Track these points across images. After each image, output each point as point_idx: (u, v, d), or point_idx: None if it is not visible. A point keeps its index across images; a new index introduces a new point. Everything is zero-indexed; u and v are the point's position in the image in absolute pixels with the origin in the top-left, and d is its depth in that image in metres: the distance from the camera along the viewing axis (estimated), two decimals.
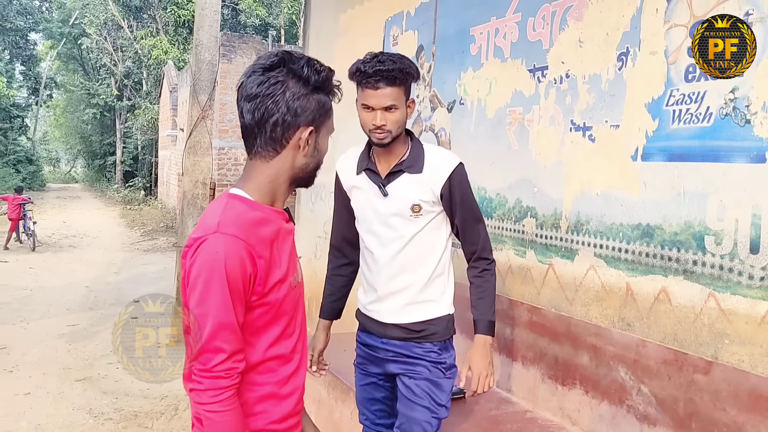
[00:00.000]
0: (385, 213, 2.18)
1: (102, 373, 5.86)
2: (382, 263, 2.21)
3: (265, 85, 1.36)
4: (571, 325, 2.81)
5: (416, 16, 4.12)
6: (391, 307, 2.23)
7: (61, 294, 9.17)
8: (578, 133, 2.81)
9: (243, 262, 1.30)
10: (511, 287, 3.22)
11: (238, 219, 1.34)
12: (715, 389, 2.19)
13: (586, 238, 2.77)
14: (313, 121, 1.41)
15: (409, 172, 2.17)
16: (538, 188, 3.05)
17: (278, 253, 1.39)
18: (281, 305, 1.40)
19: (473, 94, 3.54)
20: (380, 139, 2.11)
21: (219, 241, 1.29)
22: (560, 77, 2.92)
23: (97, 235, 15.76)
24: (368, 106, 2.08)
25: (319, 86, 1.41)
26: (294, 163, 1.43)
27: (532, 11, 3.10)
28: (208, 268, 1.28)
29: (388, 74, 2.03)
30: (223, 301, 1.28)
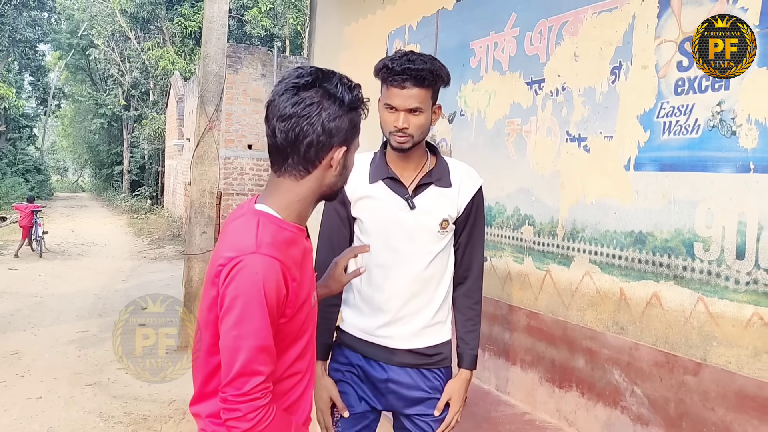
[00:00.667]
0: (412, 227, 2.01)
1: (112, 378, 5.97)
2: (402, 282, 2.02)
3: (300, 105, 1.34)
4: (568, 329, 2.90)
5: (418, 29, 4.24)
6: (405, 331, 2.03)
7: (71, 301, 9.30)
8: (574, 143, 2.92)
9: (279, 284, 1.29)
10: (510, 293, 3.31)
11: (273, 239, 1.32)
12: (704, 390, 2.28)
13: (581, 245, 2.86)
14: (345, 140, 1.41)
15: (437, 185, 2.02)
16: (535, 197, 3.15)
17: (304, 273, 1.40)
18: (302, 325, 1.41)
19: (473, 105, 3.65)
20: (400, 143, 1.94)
21: (257, 262, 1.27)
22: (556, 90, 3.03)
23: (105, 244, 15.92)
24: (392, 106, 1.92)
25: (352, 106, 1.41)
26: (323, 182, 1.42)
27: (530, 26, 3.21)
28: (247, 290, 1.26)
29: (417, 74, 1.87)
30: (263, 323, 1.27)
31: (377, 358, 2.06)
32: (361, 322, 2.07)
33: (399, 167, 2.03)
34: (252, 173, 13.89)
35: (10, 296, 9.33)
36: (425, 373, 2.05)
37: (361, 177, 2.03)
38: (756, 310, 2.15)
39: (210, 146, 6.92)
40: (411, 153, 2.00)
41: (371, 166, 2.05)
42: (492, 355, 3.41)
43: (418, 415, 2.06)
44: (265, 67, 13.57)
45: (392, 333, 2.03)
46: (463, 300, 2.15)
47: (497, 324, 3.37)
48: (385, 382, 2.05)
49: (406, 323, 2.03)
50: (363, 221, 2.05)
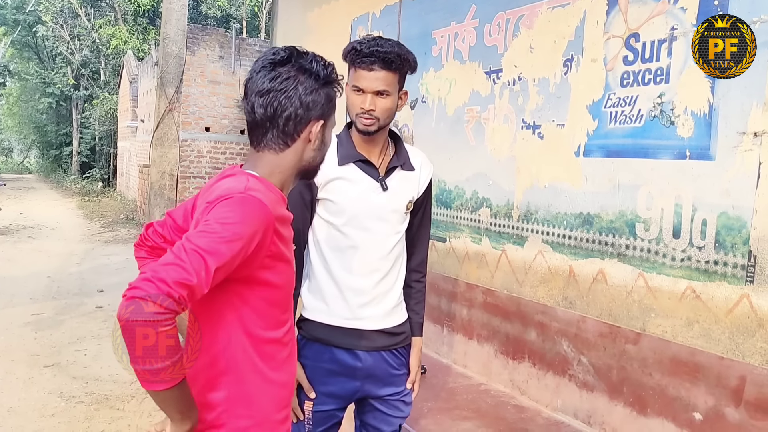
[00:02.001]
0: (383, 208, 2.06)
1: (70, 360, 5.95)
2: (375, 261, 2.06)
3: (278, 80, 1.38)
4: (521, 304, 3.11)
5: (381, 17, 4.36)
6: (379, 310, 2.07)
7: (24, 284, 9.13)
8: (528, 131, 3.10)
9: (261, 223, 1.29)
10: (468, 272, 3.50)
11: (261, 190, 1.35)
12: (643, 357, 2.51)
13: (534, 226, 3.06)
14: (322, 114, 1.45)
15: (403, 168, 2.09)
16: (492, 181, 3.33)
17: (287, 235, 1.44)
18: (282, 289, 1.44)
19: (434, 93, 3.80)
20: (366, 126, 1.96)
21: (246, 198, 1.29)
22: (513, 80, 3.21)
23: (56, 227, 15.56)
24: (359, 88, 1.93)
25: (327, 80, 1.44)
26: (303, 156, 1.47)
27: (489, 18, 3.37)
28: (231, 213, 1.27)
29: (385, 56, 1.89)
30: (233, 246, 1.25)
31: (348, 346, 2.05)
32: (334, 307, 2.06)
33: (365, 150, 2.08)
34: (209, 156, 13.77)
35: None
36: (394, 352, 2.14)
37: (329, 159, 2.04)
38: (689, 284, 2.37)
39: (170, 128, 6.91)
40: (377, 137, 2.05)
41: (338, 148, 2.09)
42: (450, 331, 3.60)
43: (391, 395, 2.13)
44: (223, 48, 13.42)
45: (368, 314, 2.08)
46: (411, 274, 2.25)
47: (456, 301, 3.56)
48: (359, 370, 2.06)
49: (379, 302, 2.09)
50: (335, 202, 2.08)
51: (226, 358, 1.43)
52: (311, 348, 2.09)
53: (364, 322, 2.09)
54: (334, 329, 2.09)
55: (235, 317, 1.44)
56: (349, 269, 2.10)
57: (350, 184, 2.08)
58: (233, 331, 1.43)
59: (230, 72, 13.43)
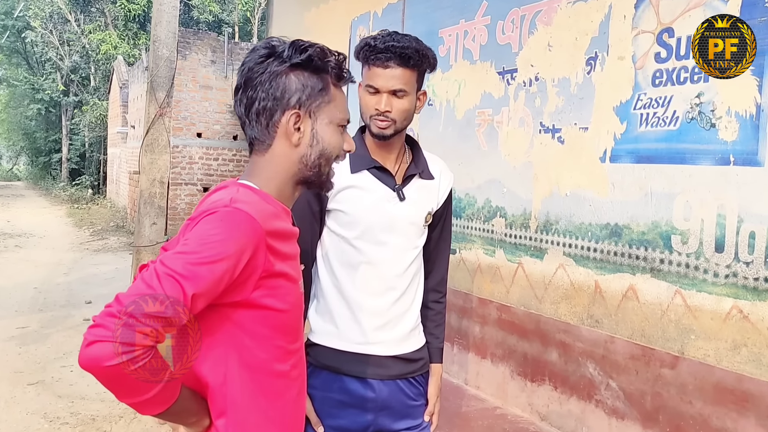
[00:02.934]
0: (400, 220, 1.86)
1: (56, 377, 5.67)
2: (390, 278, 1.86)
3: (246, 73, 1.24)
4: (540, 322, 2.88)
5: (383, 16, 4.14)
6: (396, 334, 1.87)
7: (9, 295, 8.84)
8: (547, 134, 2.88)
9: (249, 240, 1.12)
10: (480, 286, 3.27)
11: (253, 203, 1.17)
12: (682, 383, 2.28)
13: (555, 238, 2.84)
14: (299, 104, 1.24)
15: (421, 177, 1.89)
16: (507, 188, 3.11)
17: (289, 252, 1.25)
18: (289, 314, 1.26)
19: (442, 95, 3.58)
20: (381, 129, 1.77)
21: (231, 212, 1.12)
22: (530, 80, 2.99)
23: (44, 235, 15.26)
24: (373, 87, 1.75)
25: (299, 64, 1.23)
26: (291, 156, 1.27)
27: (502, 15, 3.15)
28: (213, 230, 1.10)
29: (402, 52, 1.72)
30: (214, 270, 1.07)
31: (360, 374, 1.85)
32: (344, 330, 1.85)
33: (380, 156, 1.87)
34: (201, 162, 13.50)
35: None
36: (411, 381, 1.93)
37: (341, 166, 1.83)
38: (735, 303, 2.15)
39: (161, 134, 6.64)
40: (393, 142, 1.85)
41: (351, 155, 1.80)
42: (461, 349, 3.36)
43: (407, 429, 1.92)
44: (215, 53, 13.19)
45: (382, 338, 1.86)
46: (430, 294, 2.04)
47: (466, 317, 3.33)
48: (372, 401, 1.87)
49: (395, 325, 1.88)
50: (347, 213, 1.86)
51: (223, 397, 1.22)
52: (319, 376, 1.87)
53: (378, 347, 1.86)
54: (344, 355, 1.86)
55: (233, 348, 1.21)
56: (361, 288, 1.86)
57: (364, 193, 1.85)
58: (231, 365, 1.21)
59: (222, 77, 13.19)
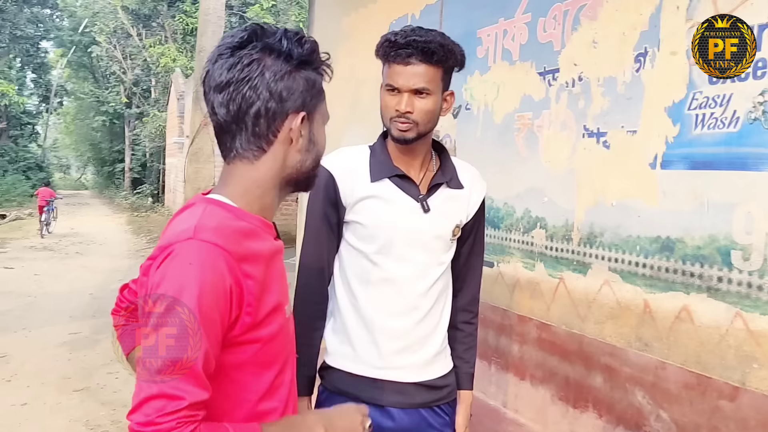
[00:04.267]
0: (425, 234, 1.72)
1: (101, 383, 5.71)
2: (413, 297, 1.72)
3: (237, 67, 1.07)
4: (584, 343, 2.63)
5: (421, 18, 3.97)
6: (419, 359, 1.73)
7: (65, 301, 9.06)
8: (592, 139, 2.65)
9: (224, 280, 0.99)
10: (519, 302, 3.04)
11: (220, 225, 1.04)
12: (743, 417, 2.01)
13: (599, 251, 2.59)
14: (303, 105, 1.12)
15: (449, 186, 1.76)
16: (548, 197, 2.88)
17: (271, 274, 1.11)
18: (276, 342, 1.11)
19: (480, 98, 3.38)
20: (402, 132, 1.65)
21: (193, 249, 0.99)
22: (572, 80, 2.76)
23: (104, 242, 15.71)
24: (394, 86, 1.64)
25: (305, 60, 1.12)
26: (286, 162, 1.14)
27: (543, 11, 2.94)
28: (175, 287, 0.96)
29: (425, 46, 1.60)
30: (193, 333, 0.97)
31: (379, 402, 1.70)
32: (362, 353, 1.72)
33: (404, 163, 1.74)
34: None
35: (3, 296, 9.08)
36: (436, 410, 1.77)
37: (361, 174, 1.72)
38: None
39: (205, 143, 6.67)
40: (417, 147, 1.72)
41: (372, 162, 1.74)
42: (499, 369, 3.14)
43: None
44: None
45: (404, 362, 1.72)
46: (461, 314, 1.90)
47: (505, 335, 3.11)
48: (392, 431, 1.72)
49: (418, 349, 1.74)
50: (366, 226, 1.71)
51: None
52: (333, 402, 1.67)
53: (399, 372, 1.72)
54: (361, 380, 1.72)
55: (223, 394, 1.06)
56: (380, 307, 1.72)
57: (384, 203, 1.71)
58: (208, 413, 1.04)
59: None
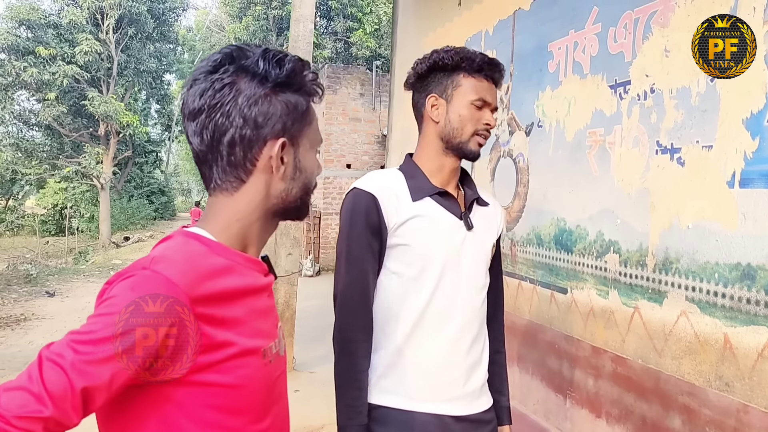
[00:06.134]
0: (471, 252, 1.65)
1: None
2: (462, 324, 1.63)
3: (209, 93, 1.01)
4: (661, 380, 2.39)
5: (494, 34, 3.85)
6: (469, 389, 1.64)
7: None
8: (665, 155, 2.42)
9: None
10: (593, 332, 2.83)
11: (186, 260, 0.97)
12: None
13: (676, 279, 2.36)
14: (284, 130, 1.05)
15: (478, 203, 1.72)
16: (621, 219, 2.66)
17: (246, 314, 1.03)
18: (248, 386, 1.02)
19: (551, 115, 3.21)
20: (482, 146, 1.68)
21: (140, 280, 0.91)
22: (644, 92, 2.55)
23: None
24: (484, 101, 1.64)
25: (283, 83, 1.04)
26: (270, 192, 1.07)
27: (614, 20, 2.75)
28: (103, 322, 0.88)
29: (501, 74, 1.69)
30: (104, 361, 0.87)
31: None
32: (409, 386, 1.60)
33: (439, 182, 1.67)
34: None
35: None
36: None
37: (402, 196, 1.64)
38: None
39: None
40: (457, 164, 1.70)
41: (409, 182, 1.66)
42: (574, 404, 2.93)
43: None
44: (363, 86, 13.50)
45: (452, 395, 1.61)
46: (492, 344, 1.78)
47: (579, 368, 2.90)
48: None
49: (467, 380, 1.64)
50: (413, 247, 1.60)
51: None
52: None
53: (458, 405, 1.62)
54: (417, 417, 1.59)
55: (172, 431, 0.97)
56: (429, 335, 1.62)
57: (429, 222, 1.62)
58: None
59: (370, 108, 13.46)
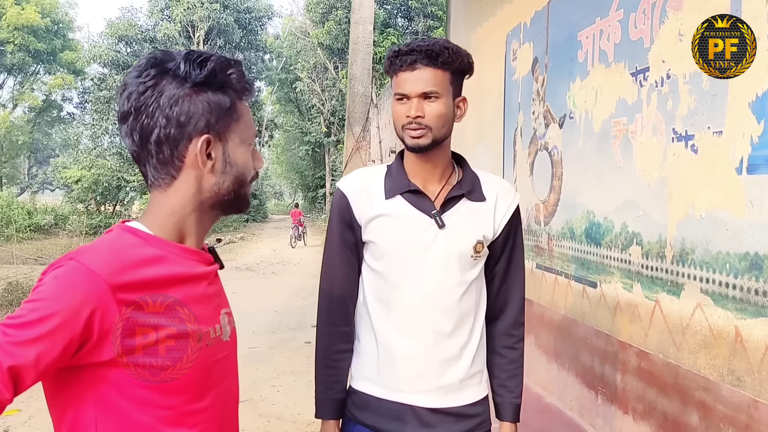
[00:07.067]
0: (440, 251, 1.66)
1: (263, 396, 6.15)
2: (430, 319, 1.67)
3: (134, 96, 1.07)
4: (679, 375, 2.32)
5: (531, 26, 3.81)
6: (440, 384, 1.68)
7: (253, 317, 9.88)
8: (680, 143, 2.34)
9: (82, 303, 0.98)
10: (620, 326, 2.76)
11: (110, 251, 1.04)
12: None
13: (691, 270, 2.27)
14: (208, 127, 1.10)
15: (469, 198, 1.68)
16: (642, 210, 2.59)
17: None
18: (178, 369, 1.08)
19: (581, 105, 3.15)
20: (416, 139, 1.59)
21: (66, 269, 0.99)
22: (661, 79, 2.47)
23: (299, 263, 16.89)
24: (402, 94, 1.59)
25: (203, 82, 1.09)
26: (202, 186, 1.13)
27: (634, 6, 2.67)
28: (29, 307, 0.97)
29: (429, 50, 1.56)
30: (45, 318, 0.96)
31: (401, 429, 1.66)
32: (383, 377, 1.68)
33: (420, 178, 1.69)
34: None
35: None
36: None
37: (376, 193, 1.70)
38: None
39: (357, 167, 6.94)
40: (434, 158, 1.66)
41: (386, 180, 1.71)
42: (605, 401, 2.87)
43: None
44: None
45: (425, 387, 1.67)
46: (502, 339, 1.78)
47: (609, 363, 2.83)
48: None
49: (441, 374, 1.67)
50: (378, 245, 1.69)
51: None
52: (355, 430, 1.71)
53: (420, 397, 1.66)
54: (383, 404, 1.68)
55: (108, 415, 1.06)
56: (397, 329, 1.68)
57: (395, 221, 1.67)
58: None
59: None
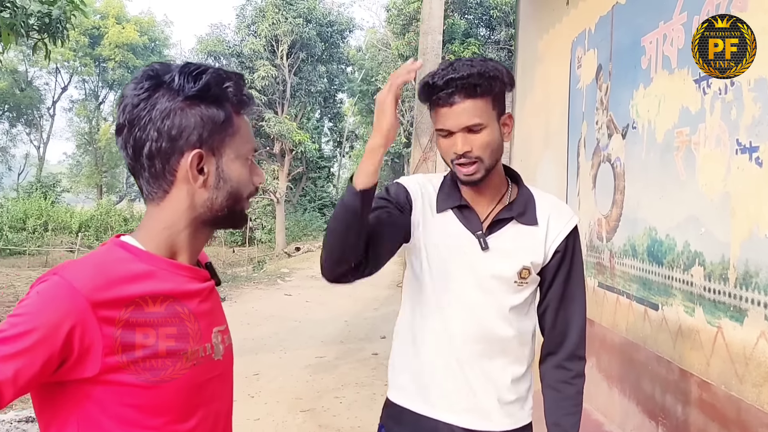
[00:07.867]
0: (481, 273, 1.61)
1: (326, 406, 6.17)
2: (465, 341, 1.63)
3: (128, 109, 1.08)
4: (741, 409, 2.11)
5: (596, 32, 3.63)
6: (473, 405, 1.63)
7: (323, 326, 9.99)
8: (744, 155, 2.14)
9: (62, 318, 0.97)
10: (681, 353, 2.55)
11: (98, 266, 1.04)
12: None
13: (755, 295, 2.07)
14: (200, 141, 1.10)
15: (519, 221, 1.63)
16: (705, 228, 2.39)
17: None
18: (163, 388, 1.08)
19: (644, 115, 2.96)
20: (469, 175, 1.57)
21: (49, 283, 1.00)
22: (725, 86, 2.27)
23: None
24: (445, 129, 1.56)
25: (197, 95, 1.09)
26: (194, 201, 1.12)
27: (697, 8, 2.48)
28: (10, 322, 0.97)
29: (464, 82, 1.51)
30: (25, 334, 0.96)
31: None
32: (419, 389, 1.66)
33: (473, 197, 1.66)
34: None
35: (275, 320, 10.38)
36: None
37: (428, 200, 1.68)
38: None
39: None
40: (488, 181, 1.61)
41: (439, 193, 1.69)
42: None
43: None
44: None
45: (457, 407, 1.62)
46: (556, 373, 1.69)
47: (670, 392, 2.63)
48: None
49: (474, 395, 1.62)
50: (422, 257, 1.65)
51: None
52: None
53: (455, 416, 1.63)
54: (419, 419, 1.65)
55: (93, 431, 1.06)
56: (434, 343, 1.65)
57: (442, 237, 1.64)
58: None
59: None
